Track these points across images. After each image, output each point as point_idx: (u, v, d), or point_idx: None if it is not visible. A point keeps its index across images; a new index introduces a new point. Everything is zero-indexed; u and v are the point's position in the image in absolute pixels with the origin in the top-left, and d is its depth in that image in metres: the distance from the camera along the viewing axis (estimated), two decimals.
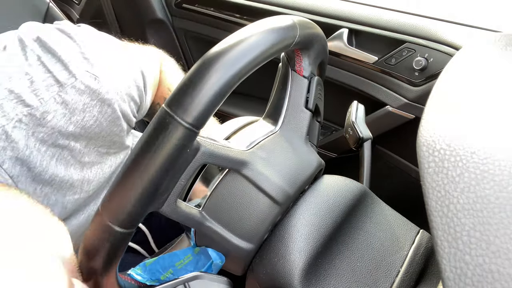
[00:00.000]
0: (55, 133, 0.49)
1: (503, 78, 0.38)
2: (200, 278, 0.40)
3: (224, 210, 0.44)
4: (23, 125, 0.47)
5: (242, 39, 0.35)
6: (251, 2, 1.08)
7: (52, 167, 0.50)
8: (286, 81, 0.50)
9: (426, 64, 0.84)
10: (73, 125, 0.50)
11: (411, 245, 0.48)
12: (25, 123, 0.47)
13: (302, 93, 0.50)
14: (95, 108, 0.51)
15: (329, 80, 0.99)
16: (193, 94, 0.32)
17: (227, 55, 0.34)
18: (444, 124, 0.31)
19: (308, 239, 0.44)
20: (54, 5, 0.95)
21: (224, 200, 0.44)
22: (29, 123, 0.47)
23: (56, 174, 0.51)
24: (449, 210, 0.25)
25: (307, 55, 0.48)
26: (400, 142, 0.98)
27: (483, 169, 0.26)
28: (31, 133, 0.47)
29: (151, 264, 0.47)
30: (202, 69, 0.34)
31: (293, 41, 0.40)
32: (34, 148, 0.48)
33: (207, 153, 0.38)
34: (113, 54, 0.55)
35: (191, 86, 0.33)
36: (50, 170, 0.50)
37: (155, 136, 0.33)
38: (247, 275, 0.48)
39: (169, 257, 0.48)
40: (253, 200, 0.44)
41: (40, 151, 0.49)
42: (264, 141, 0.46)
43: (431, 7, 0.90)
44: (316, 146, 0.54)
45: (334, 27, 0.95)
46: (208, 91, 0.33)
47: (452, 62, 0.41)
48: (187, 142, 0.34)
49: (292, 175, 0.46)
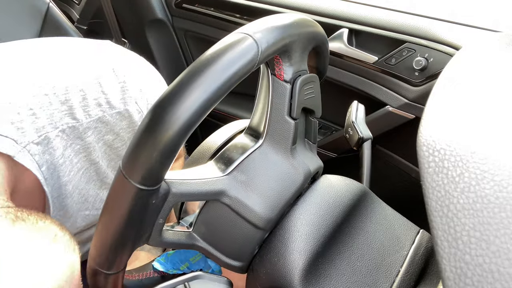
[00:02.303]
0: (90, 149, 0.53)
1: (503, 78, 0.38)
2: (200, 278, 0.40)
3: (210, 233, 0.44)
4: (64, 135, 0.50)
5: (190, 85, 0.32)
6: (251, 2, 1.08)
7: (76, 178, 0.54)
8: (266, 87, 0.45)
9: (426, 64, 0.84)
10: (104, 144, 0.54)
11: (411, 245, 0.48)
12: (66, 134, 0.51)
13: (284, 100, 0.44)
14: (127, 134, 0.56)
15: (329, 80, 0.99)
16: (142, 154, 0.31)
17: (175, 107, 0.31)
18: (444, 124, 0.31)
19: (308, 239, 0.44)
20: (54, 5, 0.95)
21: (209, 223, 0.44)
22: (70, 134, 0.51)
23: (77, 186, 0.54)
24: (449, 210, 0.25)
25: (287, 56, 0.42)
26: (400, 142, 0.98)
27: (483, 169, 0.26)
28: (69, 144, 0.51)
29: (172, 255, 0.50)
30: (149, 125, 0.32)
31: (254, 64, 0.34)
32: (68, 158, 0.51)
33: (179, 194, 0.38)
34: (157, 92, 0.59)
35: (140, 145, 0.31)
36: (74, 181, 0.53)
37: (115, 199, 0.34)
38: (247, 275, 0.48)
39: (185, 252, 0.51)
40: (236, 225, 0.43)
41: (72, 162, 0.52)
42: (244, 161, 0.44)
43: (432, 7, 0.90)
44: (313, 143, 0.53)
45: (334, 27, 0.95)
46: (156, 149, 0.31)
47: (452, 62, 0.41)
48: (147, 199, 0.34)
49: (274, 197, 0.44)
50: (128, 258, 0.38)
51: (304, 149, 0.50)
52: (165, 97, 0.32)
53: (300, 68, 0.45)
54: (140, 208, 0.34)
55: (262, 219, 0.43)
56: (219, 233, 0.44)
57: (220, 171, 0.43)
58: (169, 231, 0.42)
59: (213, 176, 0.42)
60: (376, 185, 0.65)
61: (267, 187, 0.44)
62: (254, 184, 0.44)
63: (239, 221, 0.43)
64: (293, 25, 0.40)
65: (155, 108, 0.32)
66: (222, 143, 0.49)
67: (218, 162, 0.45)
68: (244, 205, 0.43)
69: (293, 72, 0.44)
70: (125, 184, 0.32)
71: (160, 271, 0.48)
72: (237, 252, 0.45)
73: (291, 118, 0.45)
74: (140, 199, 0.33)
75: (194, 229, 0.44)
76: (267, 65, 0.44)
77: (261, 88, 0.46)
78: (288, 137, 0.45)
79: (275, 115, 0.45)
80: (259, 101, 0.47)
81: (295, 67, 0.44)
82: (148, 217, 0.37)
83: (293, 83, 0.44)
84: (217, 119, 1.26)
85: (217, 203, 0.43)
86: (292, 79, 0.44)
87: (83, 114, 0.51)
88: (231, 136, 0.50)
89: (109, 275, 0.38)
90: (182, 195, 0.38)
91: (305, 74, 0.45)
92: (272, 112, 0.45)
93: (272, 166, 0.45)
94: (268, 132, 0.46)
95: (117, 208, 0.34)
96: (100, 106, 0.52)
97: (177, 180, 0.38)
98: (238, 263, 0.45)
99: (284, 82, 0.43)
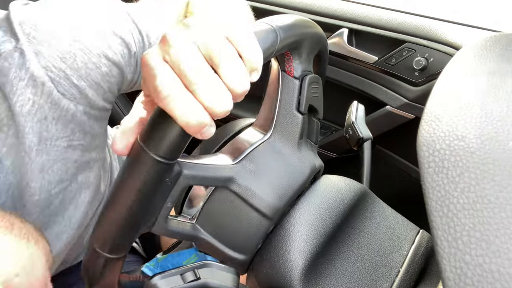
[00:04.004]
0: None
1: (503, 78, 0.38)
2: (208, 266, 0.40)
3: (215, 224, 0.44)
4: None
5: None
6: (251, 2, 1.08)
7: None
8: (276, 83, 0.48)
9: (426, 64, 0.84)
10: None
11: (411, 245, 0.48)
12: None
13: (293, 95, 0.47)
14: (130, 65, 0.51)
15: (329, 80, 0.99)
16: (163, 126, 0.32)
17: None
18: (444, 124, 0.31)
19: (308, 239, 0.44)
20: None
21: (215, 214, 0.44)
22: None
23: None
24: (449, 210, 0.25)
25: (297, 54, 0.46)
26: (400, 142, 0.98)
27: (483, 169, 0.26)
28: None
29: (162, 260, 0.49)
30: None
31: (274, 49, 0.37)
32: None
33: (190, 176, 0.38)
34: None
35: (162, 119, 0.32)
36: None
37: (131, 171, 0.33)
38: (247, 275, 0.48)
39: (178, 255, 0.50)
40: (243, 214, 0.44)
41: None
42: (253, 151, 0.45)
43: (432, 7, 0.90)
44: (315, 143, 0.53)
45: (334, 27, 0.95)
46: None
47: (452, 62, 0.41)
48: (163, 174, 0.34)
49: (283, 187, 0.45)
50: (131, 243, 0.38)
51: (307, 148, 0.51)
52: None
53: (307, 68, 0.48)
54: (155, 182, 0.34)
55: (269, 208, 0.44)
56: (225, 224, 0.44)
57: (229, 160, 0.44)
58: (173, 220, 0.42)
59: (223, 163, 0.43)
60: (376, 185, 0.65)
61: (275, 177, 0.45)
62: (262, 173, 0.45)
63: (247, 210, 0.43)
64: (305, 25, 0.44)
65: None
66: (229, 137, 0.50)
67: (227, 152, 0.46)
68: (252, 193, 0.43)
69: (301, 70, 0.47)
70: (143, 156, 0.32)
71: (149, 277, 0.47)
72: (242, 244, 0.44)
73: (299, 112, 0.47)
74: (156, 172, 0.33)
75: (198, 221, 0.44)
76: (277, 62, 0.47)
77: (270, 84, 0.49)
78: (296, 130, 0.48)
79: (284, 109, 0.47)
80: (267, 96, 0.49)
81: (303, 66, 0.47)
82: (159, 195, 0.36)
83: (302, 80, 0.47)
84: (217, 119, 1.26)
85: (225, 191, 0.43)
86: (301, 77, 0.47)
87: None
88: (237, 130, 0.51)
89: (109, 259, 0.37)
90: (193, 177, 0.39)
91: (311, 74, 0.48)
92: (281, 107, 0.47)
93: (280, 157, 0.47)
94: (276, 125, 0.48)
95: (132, 180, 0.33)
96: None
97: (189, 163, 0.39)
98: (241, 256, 0.45)
99: (294, 78, 0.46)
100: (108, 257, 0.37)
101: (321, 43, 0.48)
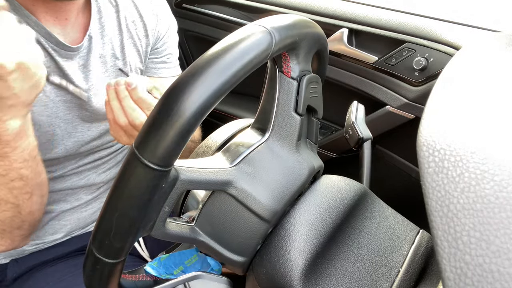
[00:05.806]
0: None
1: (503, 78, 0.38)
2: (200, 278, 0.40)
3: (214, 226, 0.44)
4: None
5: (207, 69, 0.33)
6: (251, 2, 1.08)
7: None
8: (273, 84, 0.47)
9: (426, 64, 0.84)
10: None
11: (411, 245, 0.48)
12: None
13: (290, 96, 0.46)
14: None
15: (329, 80, 0.99)
16: (158, 132, 0.32)
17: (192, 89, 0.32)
18: (444, 124, 0.31)
19: (308, 239, 0.44)
20: None
21: (214, 216, 0.44)
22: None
23: None
24: (449, 210, 0.25)
25: (295, 54, 0.45)
26: (400, 142, 0.98)
27: (483, 169, 0.26)
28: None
29: (165, 259, 0.49)
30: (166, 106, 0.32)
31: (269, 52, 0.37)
32: None
33: (187, 181, 0.38)
34: None
35: (156, 124, 0.32)
36: None
37: (127, 178, 0.34)
38: (247, 275, 0.48)
39: (179, 255, 0.50)
40: (241, 217, 0.44)
41: None
42: (251, 154, 0.45)
43: (432, 7, 0.90)
44: (314, 143, 0.53)
45: (334, 27, 0.95)
46: (173, 130, 0.32)
47: (452, 62, 0.41)
48: (159, 181, 0.34)
49: (280, 189, 0.45)
50: (130, 247, 0.38)
51: (306, 148, 0.51)
52: (183, 78, 0.33)
53: (305, 68, 0.47)
54: (150, 190, 0.34)
55: (267, 211, 0.43)
56: (223, 226, 0.44)
57: (227, 163, 0.44)
58: (172, 223, 0.42)
59: (220, 167, 0.43)
60: (376, 185, 0.65)
61: (273, 180, 0.45)
62: (260, 176, 0.44)
63: (245, 213, 0.43)
64: (303, 25, 0.43)
65: (173, 89, 0.33)
66: (227, 138, 0.49)
67: (225, 155, 0.46)
68: (250, 196, 0.43)
69: (299, 70, 0.46)
70: (138, 163, 0.32)
71: (153, 275, 0.47)
72: (241, 247, 0.44)
73: (297, 114, 0.47)
74: (151, 180, 0.33)
75: (197, 224, 0.44)
76: (274, 63, 0.46)
77: (267, 85, 0.48)
78: (294, 132, 0.47)
79: (281, 111, 0.47)
80: (265, 97, 0.48)
81: (301, 66, 0.46)
82: (156, 201, 0.36)
83: (300, 81, 0.46)
84: (217, 119, 1.26)
85: (223, 194, 0.43)
86: (299, 77, 0.46)
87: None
88: (236, 131, 0.51)
89: (107, 264, 0.37)
90: (190, 182, 0.39)
91: (310, 74, 0.47)
92: (279, 108, 0.47)
93: (278, 159, 0.46)
94: (274, 127, 0.47)
95: (126, 188, 0.34)
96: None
97: (186, 168, 0.39)
98: (240, 258, 0.45)
99: (291, 79, 0.45)
100: (108, 261, 0.37)
101: (319, 43, 0.48)
